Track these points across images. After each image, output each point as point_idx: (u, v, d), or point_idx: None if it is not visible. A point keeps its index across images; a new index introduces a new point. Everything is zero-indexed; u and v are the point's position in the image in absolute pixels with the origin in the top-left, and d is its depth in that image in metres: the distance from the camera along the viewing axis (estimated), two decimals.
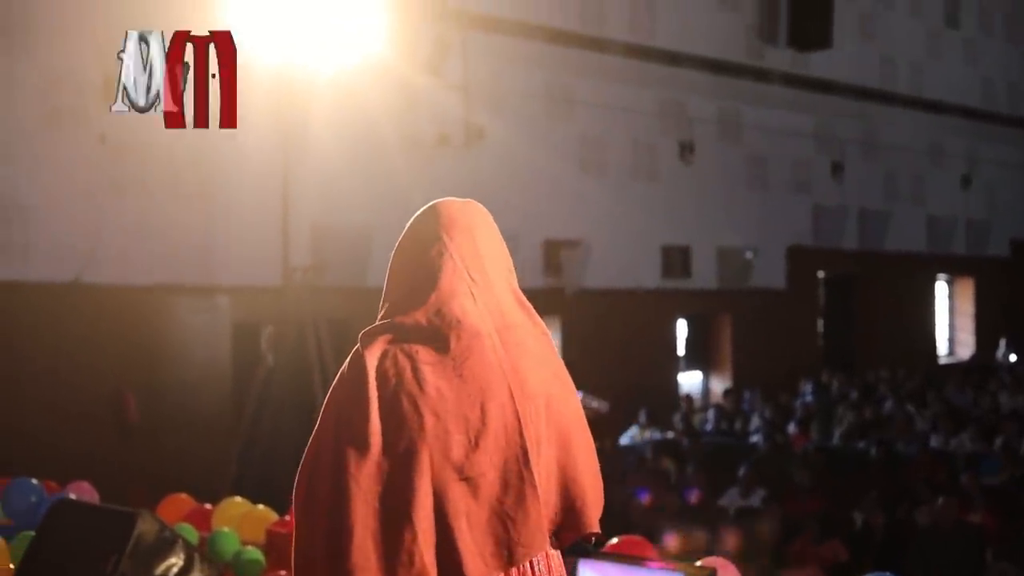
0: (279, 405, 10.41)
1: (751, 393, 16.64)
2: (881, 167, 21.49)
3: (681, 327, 18.46)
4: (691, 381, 18.73)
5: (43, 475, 5.96)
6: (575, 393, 2.72)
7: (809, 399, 16.36)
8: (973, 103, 23.46)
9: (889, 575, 3.96)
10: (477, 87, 14.71)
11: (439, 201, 2.77)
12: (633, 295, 16.77)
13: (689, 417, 15.51)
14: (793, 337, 19.25)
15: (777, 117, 18.88)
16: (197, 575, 4.29)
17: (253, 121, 11.24)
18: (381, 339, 2.60)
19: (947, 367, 22.23)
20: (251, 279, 12.39)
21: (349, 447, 2.50)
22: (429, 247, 2.68)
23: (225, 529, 5.18)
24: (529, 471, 2.51)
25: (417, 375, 2.53)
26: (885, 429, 13.68)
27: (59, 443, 10.38)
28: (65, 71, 11.38)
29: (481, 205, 2.80)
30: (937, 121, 22.45)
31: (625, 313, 16.43)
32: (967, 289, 24.42)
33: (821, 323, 20.75)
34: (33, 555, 4.37)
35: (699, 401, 17.93)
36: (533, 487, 2.51)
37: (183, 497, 6.01)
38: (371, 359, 2.56)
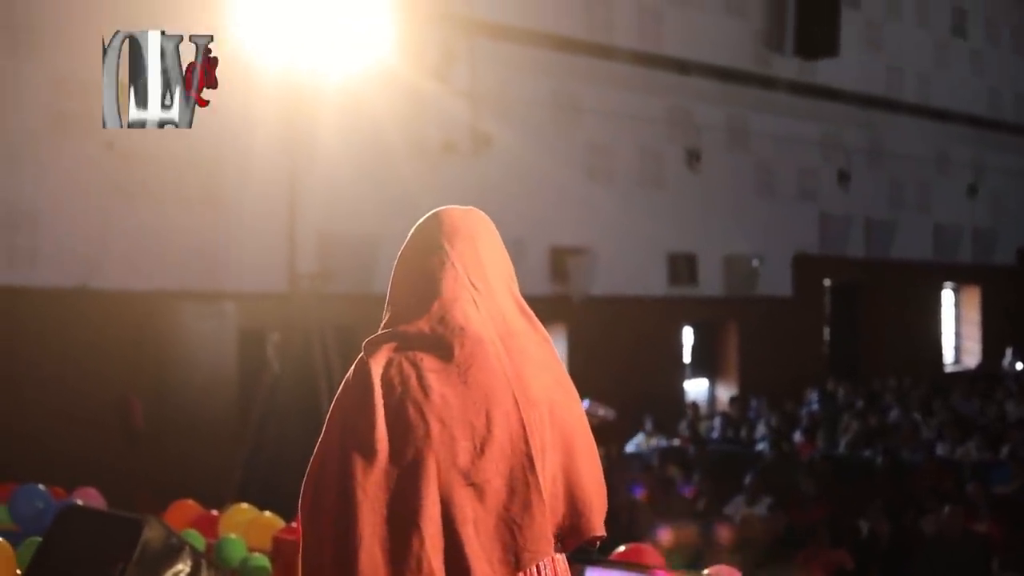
0: (285, 411, 10.41)
1: (757, 401, 16.62)
2: (887, 175, 21.48)
3: (687, 335, 18.45)
4: (697, 389, 18.71)
5: (49, 481, 5.96)
6: (578, 399, 2.72)
7: (815, 407, 16.34)
8: (979, 112, 23.46)
9: None
10: (484, 94, 14.72)
11: (441, 209, 2.78)
12: (639, 302, 16.76)
13: (695, 425, 15.49)
14: (799, 345, 19.24)
15: (784, 125, 18.89)
16: None
17: (260, 128, 11.28)
18: (385, 347, 2.61)
19: (953, 375, 22.19)
20: (257, 285, 12.39)
21: (355, 455, 2.50)
22: (431, 255, 2.69)
23: (232, 535, 5.17)
24: (535, 477, 2.52)
25: (422, 382, 2.54)
26: (891, 437, 13.65)
27: (65, 449, 10.38)
28: (71, 76, 11.37)
29: (483, 213, 2.81)
30: (943, 130, 22.44)
31: (631, 321, 16.41)
32: (973, 297, 24.39)
33: (827, 331, 20.73)
34: (40, 561, 4.37)
35: (705, 409, 17.91)
36: (539, 493, 2.52)
37: (189, 503, 6.00)
38: (376, 367, 2.57)
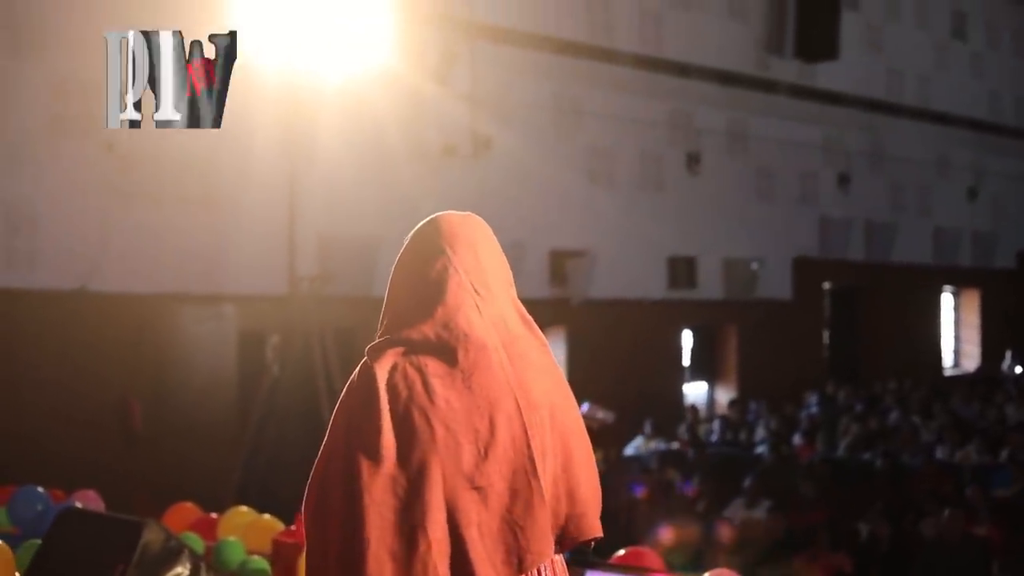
0: (284, 414, 10.41)
1: (756, 404, 16.62)
2: (887, 179, 21.48)
3: (687, 338, 18.44)
4: (696, 392, 18.71)
5: (49, 483, 5.96)
6: (575, 403, 2.75)
7: (814, 410, 16.33)
8: (980, 115, 23.47)
9: None
10: (485, 97, 14.72)
11: (440, 215, 2.79)
12: (639, 305, 16.75)
13: (694, 428, 15.47)
14: (799, 348, 19.23)
15: (784, 128, 18.89)
16: None
17: (260, 130, 11.27)
18: (390, 352, 2.62)
19: (953, 379, 22.20)
20: (257, 288, 12.39)
21: (362, 460, 2.52)
22: (433, 261, 2.70)
23: (231, 538, 5.18)
24: (537, 480, 2.55)
25: (427, 388, 2.56)
26: (890, 441, 13.64)
27: (64, 451, 10.38)
28: (72, 79, 11.37)
29: (480, 218, 2.83)
30: (944, 133, 22.44)
31: (631, 323, 16.41)
32: (973, 301, 24.40)
33: (827, 334, 20.73)
34: (39, 564, 4.36)
35: (704, 412, 17.91)
36: (541, 496, 2.55)
37: (189, 506, 6.00)
38: (381, 372, 2.59)
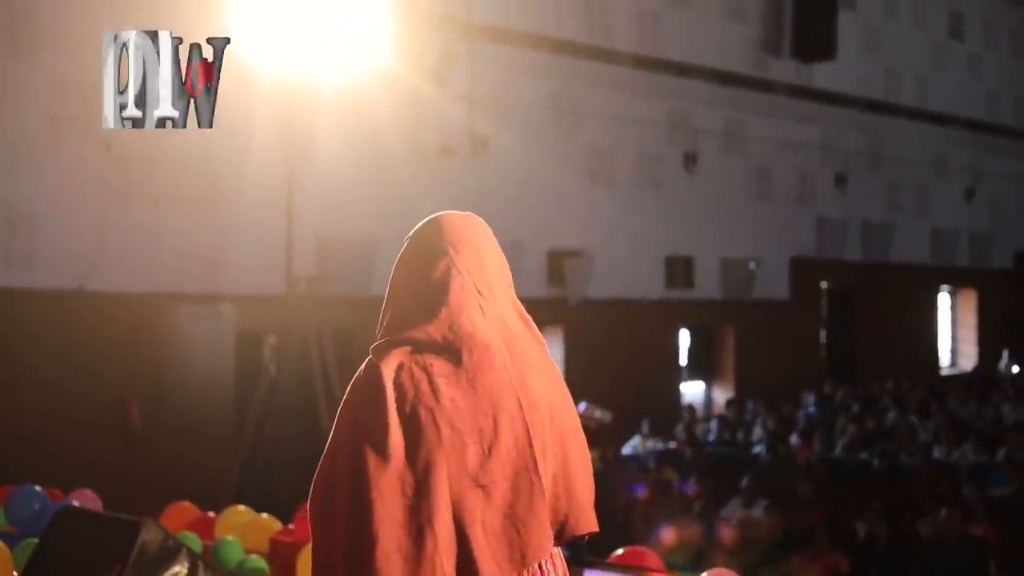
0: (282, 413, 10.42)
1: (754, 404, 16.62)
2: (885, 179, 21.49)
3: (684, 337, 18.45)
4: (694, 391, 18.72)
5: (46, 482, 5.96)
6: (571, 401, 2.80)
7: (812, 410, 16.34)
8: (977, 116, 23.47)
9: None
10: (483, 97, 14.72)
11: (441, 215, 2.81)
12: (636, 305, 16.76)
13: (692, 427, 15.48)
14: (796, 348, 19.24)
15: (781, 128, 18.89)
16: None
17: (258, 130, 11.28)
18: (396, 352, 2.65)
19: (950, 378, 22.20)
20: (255, 288, 12.38)
21: (369, 457, 2.54)
22: (436, 261, 2.72)
23: (229, 537, 5.18)
24: (538, 478, 2.60)
25: (433, 387, 2.59)
26: (888, 440, 13.65)
27: (62, 450, 10.38)
28: (70, 79, 11.37)
29: (480, 219, 2.85)
30: (941, 133, 22.45)
31: (628, 323, 16.42)
32: (970, 301, 24.40)
33: (824, 334, 20.73)
34: (37, 563, 4.37)
35: (702, 411, 17.91)
36: (541, 493, 2.59)
37: (186, 505, 6.00)
38: (387, 371, 2.62)
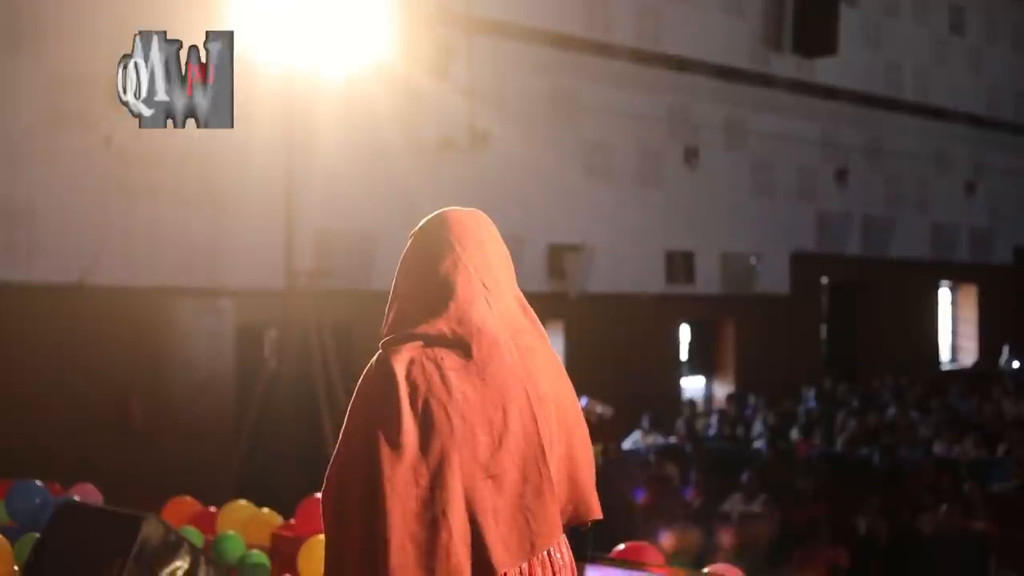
0: (282, 408, 10.44)
1: (754, 399, 16.61)
2: (885, 174, 21.47)
3: (684, 332, 18.45)
4: (694, 386, 18.71)
5: (47, 477, 5.94)
6: (574, 392, 2.89)
7: (812, 405, 16.34)
8: (978, 111, 23.45)
9: None
10: (483, 91, 14.71)
11: (446, 211, 2.88)
12: (637, 300, 16.75)
13: (692, 422, 15.48)
14: (796, 343, 19.24)
15: (782, 123, 18.89)
16: None
17: (258, 125, 11.27)
18: (407, 347, 2.71)
19: (950, 374, 22.21)
20: (255, 282, 12.38)
21: (383, 451, 2.60)
22: (443, 257, 2.79)
23: (230, 532, 5.17)
24: (546, 467, 2.68)
25: (445, 381, 2.66)
26: (888, 436, 13.65)
27: (62, 444, 10.39)
28: (70, 73, 11.37)
29: (484, 214, 2.91)
30: (942, 128, 22.43)
31: (629, 318, 16.41)
32: (970, 296, 24.40)
33: (824, 329, 20.72)
34: (38, 557, 4.36)
35: (702, 406, 17.91)
36: (550, 482, 2.68)
37: (188, 500, 5.99)
38: (399, 366, 2.68)
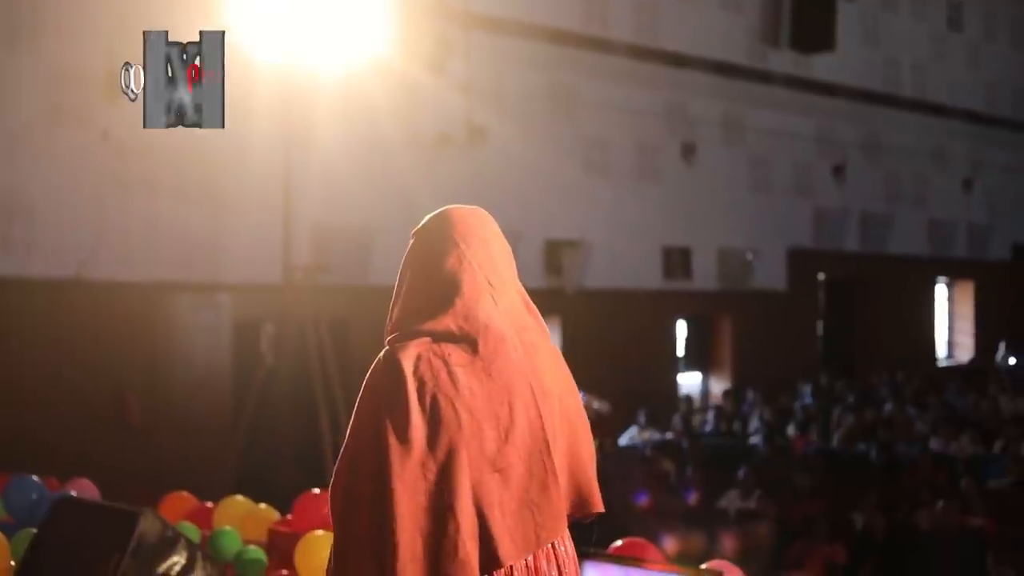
0: (279, 403, 10.41)
1: (751, 394, 16.62)
2: (883, 170, 21.48)
3: (681, 328, 18.45)
4: (691, 382, 18.71)
5: (44, 472, 5.95)
6: (576, 387, 2.93)
7: (808, 401, 16.34)
8: (976, 107, 23.45)
9: None
10: (480, 87, 14.70)
11: (449, 209, 2.91)
12: (634, 295, 16.76)
13: (689, 418, 15.48)
14: (793, 339, 19.23)
15: (779, 119, 18.89)
16: (199, 574, 4.29)
17: (256, 120, 11.24)
18: (414, 344, 2.74)
19: (946, 370, 22.21)
20: (252, 277, 12.37)
21: (392, 446, 2.64)
22: (447, 255, 2.82)
23: (227, 528, 5.17)
24: (551, 461, 2.73)
25: (452, 377, 2.70)
26: (885, 432, 13.65)
27: (59, 439, 10.37)
28: (68, 68, 11.36)
29: (486, 211, 2.94)
30: (940, 124, 22.43)
31: (626, 314, 16.41)
32: (967, 292, 24.42)
33: (821, 325, 20.71)
34: (34, 552, 4.36)
35: (699, 402, 17.92)
36: (554, 476, 2.73)
37: (184, 495, 5.99)
38: (407, 362, 2.71)
